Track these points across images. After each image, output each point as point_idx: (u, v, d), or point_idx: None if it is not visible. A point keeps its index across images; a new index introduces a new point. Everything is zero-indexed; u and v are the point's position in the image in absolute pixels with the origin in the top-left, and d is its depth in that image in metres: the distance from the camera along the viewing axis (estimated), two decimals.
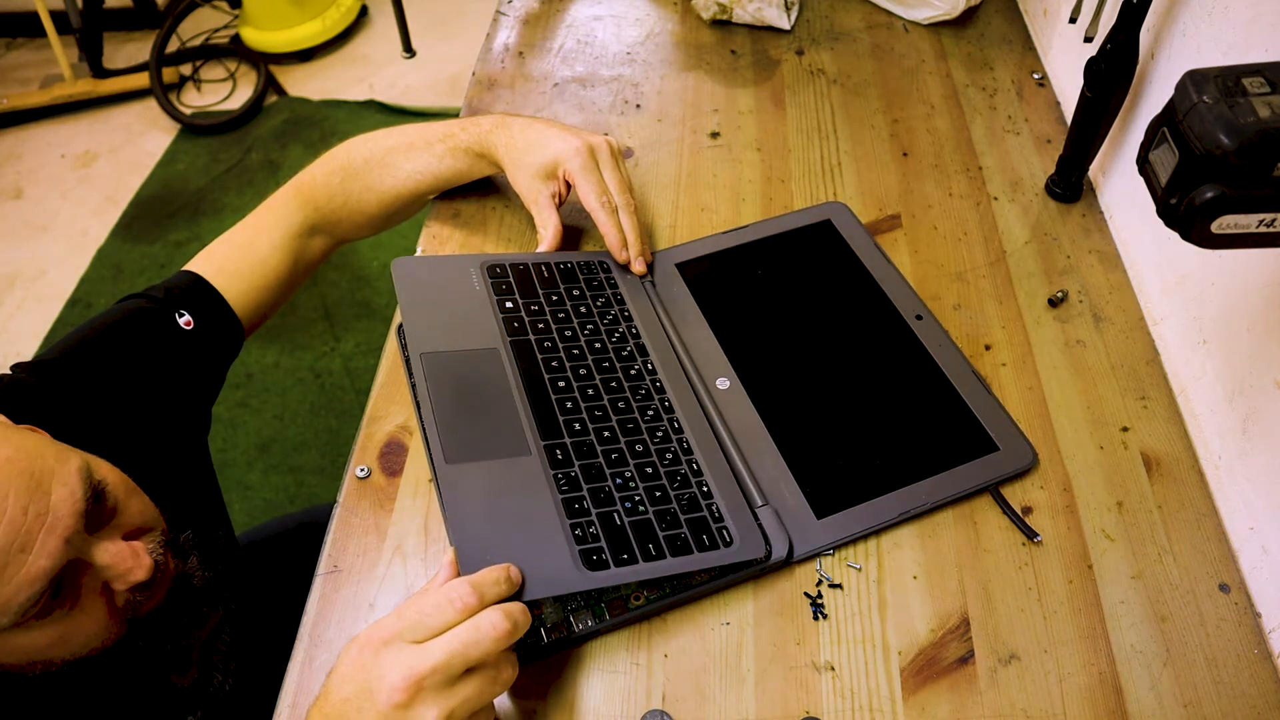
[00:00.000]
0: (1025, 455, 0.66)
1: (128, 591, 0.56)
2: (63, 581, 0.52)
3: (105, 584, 0.55)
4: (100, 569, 0.54)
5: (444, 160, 0.79)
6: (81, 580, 0.53)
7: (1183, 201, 0.44)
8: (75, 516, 0.51)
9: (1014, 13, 1.08)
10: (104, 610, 0.55)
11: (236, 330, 0.76)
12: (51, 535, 0.50)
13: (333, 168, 0.81)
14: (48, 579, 0.50)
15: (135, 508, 0.57)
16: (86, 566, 0.53)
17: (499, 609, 0.49)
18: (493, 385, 0.64)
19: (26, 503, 0.49)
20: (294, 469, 1.70)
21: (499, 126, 0.78)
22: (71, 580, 0.53)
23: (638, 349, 0.70)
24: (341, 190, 0.80)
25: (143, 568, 0.55)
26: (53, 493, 0.51)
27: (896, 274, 0.78)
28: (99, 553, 0.53)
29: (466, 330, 0.67)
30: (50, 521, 0.50)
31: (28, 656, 0.53)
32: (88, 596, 0.54)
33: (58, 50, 2.34)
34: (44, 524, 0.50)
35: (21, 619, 0.50)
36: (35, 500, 0.50)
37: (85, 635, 0.54)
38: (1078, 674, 0.57)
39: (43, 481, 0.50)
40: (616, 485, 0.60)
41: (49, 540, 0.50)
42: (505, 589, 0.51)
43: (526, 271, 0.73)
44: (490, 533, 0.55)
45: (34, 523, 0.49)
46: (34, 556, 0.49)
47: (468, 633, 0.48)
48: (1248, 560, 0.61)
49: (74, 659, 0.55)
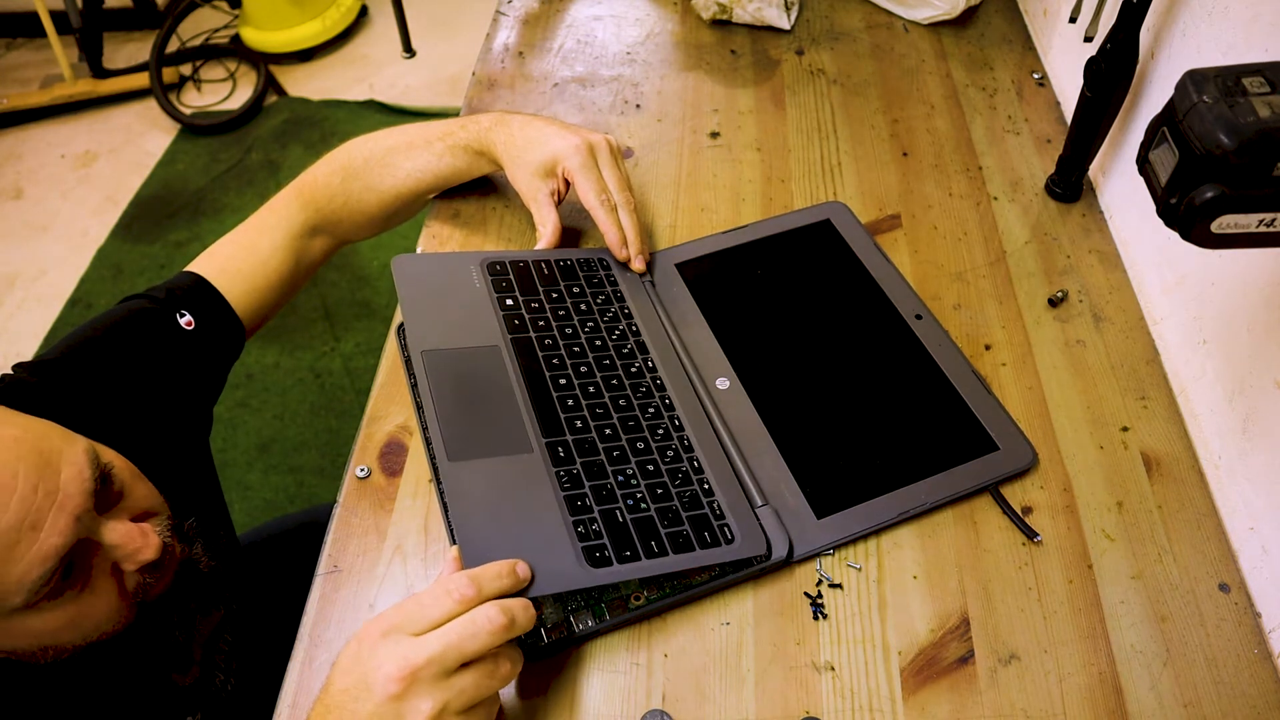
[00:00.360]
0: (1025, 455, 0.66)
1: (137, 573, 0.56)
2: (73, 562, 0.52)
3: (115, 566, 0.55)
4: (109, 549, 0.54)
5: (443, 159, 0.79)
6: (91, 561, 0.54)
7: (1183, 201, 0.44)
8: (85, 495, 0.52)
9: (1014, 13, 1.08)
10: (114, 592, 0.55)
11: (238, 331, 0.76)
12: (62, 513, 0.50)
13: (333, 168, 0.81)
14: (59, 557, 0.50)
15: (140, 492, 0.58)
16: (96, 547, 0.54)
17: (496, 604, 0.49)
18: (494, 382, 0.64)
19: (36, 481, 0.49)
20: (294, 469, 1.70)
21: (498, 124, 0.78)
22: (82, 561, 0.53)
23: (638, 347, 0.70)
24: (342, 190, 0.80)
25: (151, 547, 0.55)
26: (62, 471, 0.51)
27: (896, 274, 0.78)
28: (108, 532, 0.54)
29: (467, 327, 0.67)
30: (60, 499, 0.50)
31: (39, 640, 0.54)
32: (98, 578, 0.54)
33: (58, 50, 2.34)
34: (54, 502, 0.50)
35: (34, 598, 0.50)
36: (45, 478, 0.50)
37: (96, 618, 0.55)
38: (1078, 674, 0.57)
39: (51, 460, 0.51)
40: (619, 482, 0.60)
41: (60, 518, 0.50)
42: (508, 583, 0.51)
43: (527, 269, 0.73)
44: (494, 530, 0.55)
45: (44, 500, 0.50)
46: (45, 534, 0.49)
47: (464, 626, 0.48)
48: (1248, 560, 0.61)
49: (85, 644, 0.56)
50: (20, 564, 0.49)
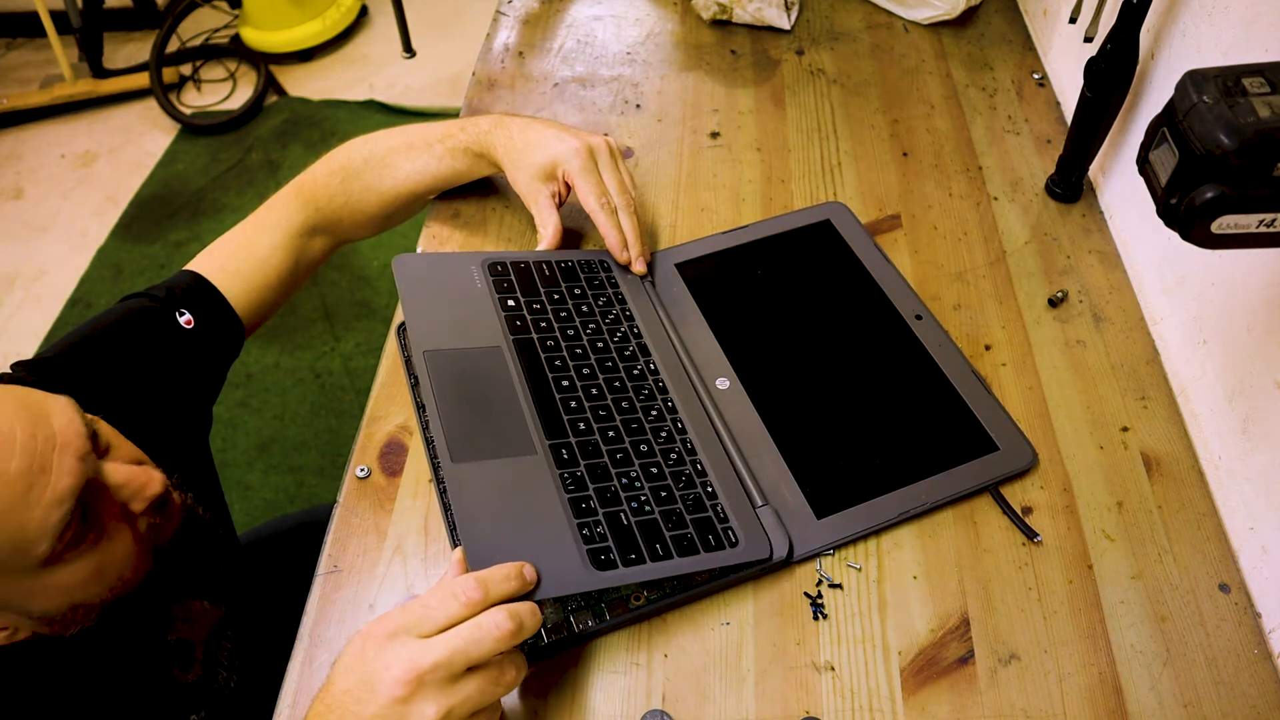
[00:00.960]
0: (1025, 455, 0.66)
1: (147, 515, 0.58)
2: (86, 507, 0.54)
3: (125, 510, 0.57)
4: (116, 489, 0.56)
5: (443, 160, 0.79)
6: (101, 508, 0.55)
7: (1183, 201, 0.44)
8: (81, 437, 0.53)
9: (1014, 13, 1.08)
10: (130, 537, 0.57)
11: (237, 329, 0.76)
12: (66, 454, 0.52)
13: (333, 168, 0.81)
14: (73, 496, 0.51)
15: (126, 446, 0.59)
16: (104, 491, 0.55)
17: (504, 609, 0.49)
18: (496, 383, 0.64)
19: (33, 429, 0.51)
20: (294, 469, 1.70)
21: (497, 127, 0.78)
22: (93, 508, 0.54)
23: (640, 349, 0.70)
24: (342, 190, 0.80)
25: (155, 481, 0.57)
26: (53, 420, 0.53)
27: (896, 274, 0.78)
28: (111, 473, 0.56)
29: (469, 328, 0.67)
30: (60, 443, 0.52)
31: (70, 596, 0.55)
32: (112, 524, 0.56)
33: (58, 50, 2.34)
34: (54, 446, 0.51)
35: (59, 545, 0.52)
36: (40, 427, 0.51)
37: (118, 564, 0.56)
38: (1078, 674, 0.57)
39: (41, 412, 0.52)
40: (622, 485, 0.60)
41: (64, 459, 0.51)
42: (515, 586, 0.51)
43: (528, 269, 0.73)
44: (498, 533, 0.55)
45: (45, 445, 0.51)
46: (55, 476, 0.51)
47: (470, 631, 0.48)
48: (1248, 560, 0.61)
49: (112, 598, 0.57)
50: (38, 508, 0.50)
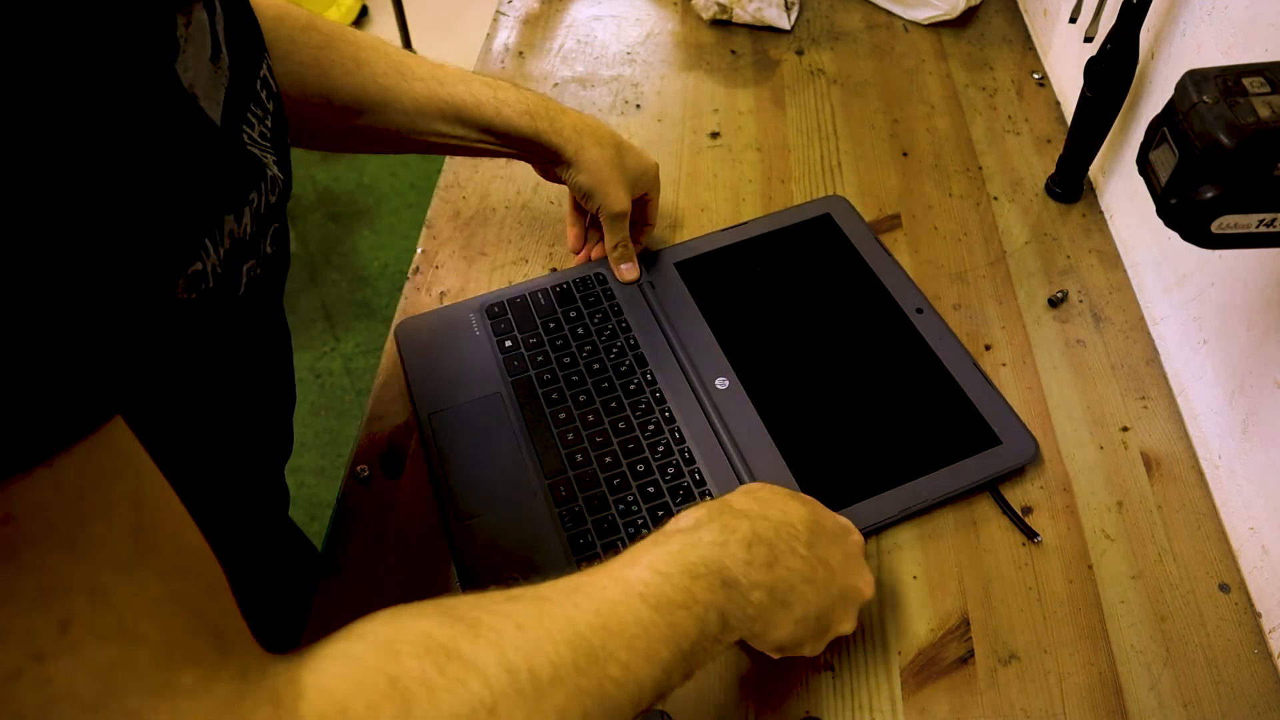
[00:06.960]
0: (1028, 448, 0.66)
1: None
2: None
3: None
4: None
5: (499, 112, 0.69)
6: None
7: (1183, 201, 0.44)
8: None
9: (1014, 13, 1.08)
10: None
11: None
12: None
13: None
14: None
15: None
16: None
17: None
18: (497, 431, 0.67)
19: None
20: (294, 469, 1.68)
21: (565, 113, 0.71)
22: None
23: (636, 360, 0.71)
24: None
25: None
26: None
27: (896, 267, 0.78)
28: None
29: (469, 380, 0.70)
30: None
31: None
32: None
33: None
34: None
35: None
36: None
37: None
38: (1078, 674, 0.57)
39: None
40: (619, 511, 0.62)
41: None
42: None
43: (525, 303, 0.75)
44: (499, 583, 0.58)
45: None
46: None
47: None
48: (1248, 560, 0.61)
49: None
50: None
